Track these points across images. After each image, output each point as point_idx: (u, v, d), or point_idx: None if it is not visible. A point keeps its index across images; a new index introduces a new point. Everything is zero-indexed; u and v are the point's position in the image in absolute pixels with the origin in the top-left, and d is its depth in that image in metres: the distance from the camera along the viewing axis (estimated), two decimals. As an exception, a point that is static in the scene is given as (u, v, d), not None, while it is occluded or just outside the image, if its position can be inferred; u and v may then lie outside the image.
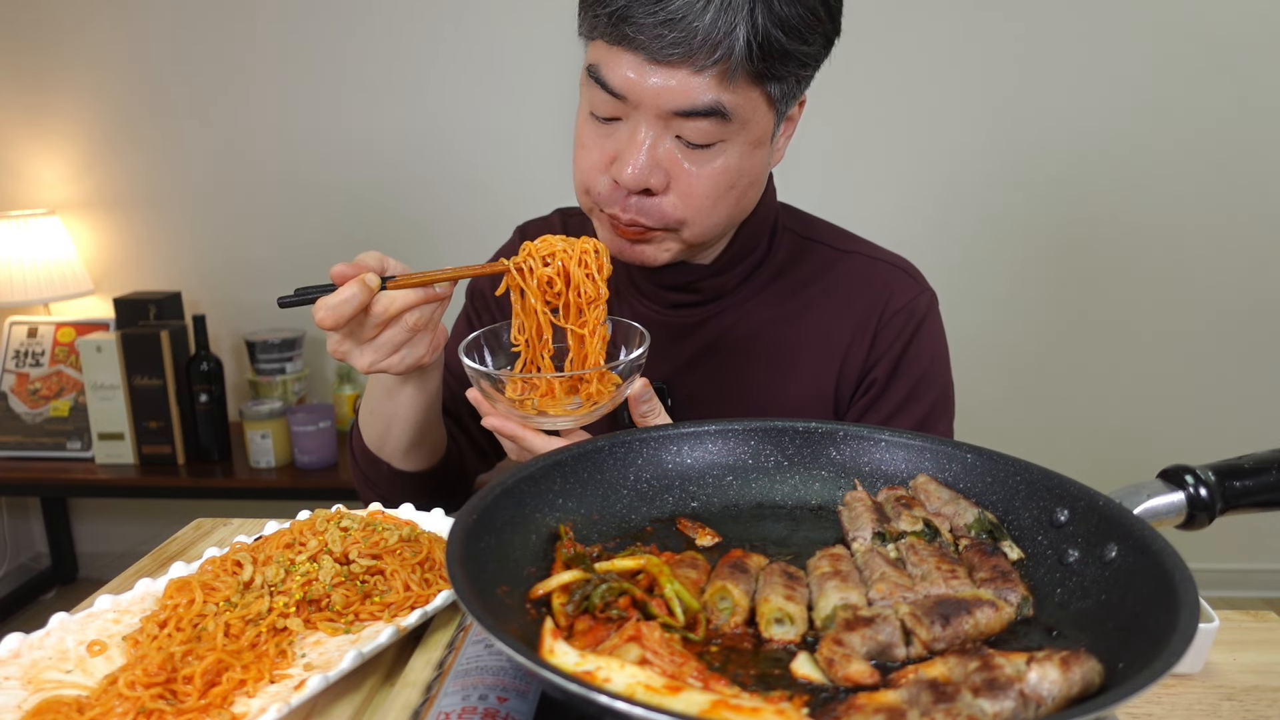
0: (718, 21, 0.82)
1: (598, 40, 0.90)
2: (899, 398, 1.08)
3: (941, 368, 1.12)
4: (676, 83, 0.86)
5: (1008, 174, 2.61)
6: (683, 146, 0.91)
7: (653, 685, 0.49)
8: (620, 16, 0.84)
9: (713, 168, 0.92)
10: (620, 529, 0.74)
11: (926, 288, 1.12)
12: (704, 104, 0.87)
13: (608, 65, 0.88)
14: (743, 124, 0.90)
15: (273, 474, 2.50)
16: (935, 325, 1.12)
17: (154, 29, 2.66)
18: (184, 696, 0.64)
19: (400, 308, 0.87)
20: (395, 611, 0.76)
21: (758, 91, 0.89)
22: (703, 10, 0.82)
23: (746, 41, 0.83)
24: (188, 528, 1.05)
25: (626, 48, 0.86)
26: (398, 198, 2.73)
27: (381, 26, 2.61)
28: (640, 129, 0.89)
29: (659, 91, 0.86)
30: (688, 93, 0.86)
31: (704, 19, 0.82)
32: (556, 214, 1.23)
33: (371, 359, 0.89)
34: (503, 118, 2.66)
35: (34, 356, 2.67)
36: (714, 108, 0.87)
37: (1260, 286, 2.63)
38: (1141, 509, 0.68)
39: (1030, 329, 2.71)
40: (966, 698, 0.49)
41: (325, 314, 0.83)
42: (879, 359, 1.09)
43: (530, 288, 0.89)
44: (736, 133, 0.90)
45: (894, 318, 1.09)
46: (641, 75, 0.86)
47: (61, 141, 2.76)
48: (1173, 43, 2.48)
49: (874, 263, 1.12)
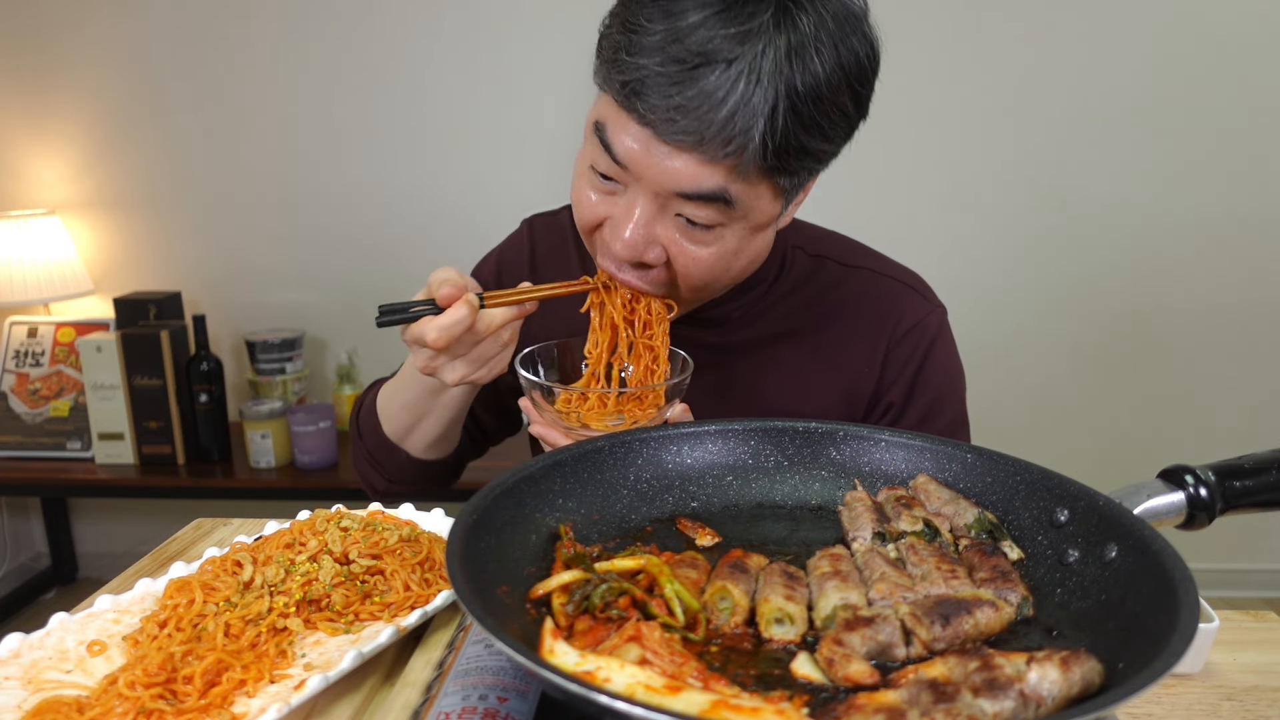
0: (735, 117, 0.77)
1: (608, 96, 0.85)
2: (916, 418, 1.08)
3: (956, 385, 1.12)
4: (682, 165, 0.81)
5: (1007, 174, 2.61)
6: (681, 225, 0.87)
7: (653, 685, 0.49)
8: (634, 90, 0.79)
9: (710, 250, 0.89)
10: (620, 529, 0.74)
11: (936, 304, 1.11)
12: (708, 190, 0.82)
13: (614, 129, 0.84)
14: (746, 212, 0.86)
15: (273, 474, 2.50)
16: (947, 343, 1.11)
17: (154, 29, 2.66)
18: (184, 696, 0.64)
19: (500, 324, 0.89)
20: (395, 611, 0.76)
21: (766, 183, 0.85)
22: (721, 102, 0.76)
23: (762, 140, 0.78)
24: (188, 528, 1.05)
25: (636, 120, 0.81)
26: (398, 197, 2.73)
27: (382, 25, 2.61)
28: (638, 203, 0.86)
29: (663, 170, 0.82)
30: (693, 177, 0.82)
31: (720, 111, 0.77)
32: (566, 210, 1.22)
33: (464, 372, 0.90)
34: (505, 116, 2.66)
35: (34, 356, 2.67)
36: (718, 194, 0.83)
37: (1261, 287, 2.63)
38: (1141, 509, 0.68)
39: (1030, 329, 2.71)
40: (966, 698, 0.49)
41: (437, 335, 0.84)
42: (893, 381, 1.08)
43: (613, 303, 0.94)
44: (738, 219, 0.87)
45: (905, 337, 1.08)
46: (647, 150, 0.82)
47: (61, 141, 2.76)
48: (1176, 44, 2.48)
49: (882, 279, 1.11)
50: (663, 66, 0.77)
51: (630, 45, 0.79)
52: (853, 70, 0.80)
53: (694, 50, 0.76)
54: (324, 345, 2.87)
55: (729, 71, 0.76)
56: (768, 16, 0.77)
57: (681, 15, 0.77)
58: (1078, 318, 2.70)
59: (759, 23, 0.76)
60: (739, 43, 0.76)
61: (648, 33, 0.78)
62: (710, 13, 0.77)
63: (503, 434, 1.27)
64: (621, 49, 0.80)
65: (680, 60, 0.77)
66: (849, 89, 0.81)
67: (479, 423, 1.22)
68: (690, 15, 0.77)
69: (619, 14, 0.83)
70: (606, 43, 0.84)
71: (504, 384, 1.19)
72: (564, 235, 1.18)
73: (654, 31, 0.78)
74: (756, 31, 0.76)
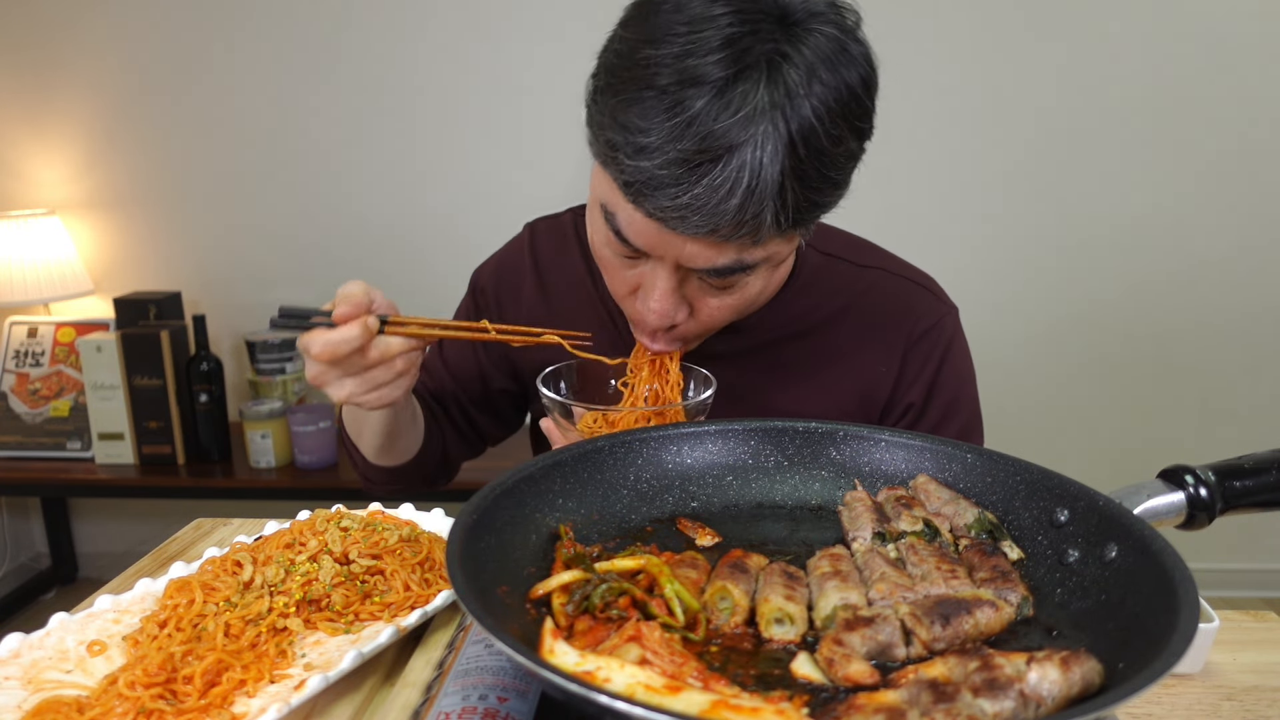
0: (746, 205, 0.75)
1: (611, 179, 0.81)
2: (934, 420, 1.09)
3: (971, 385, 1.13)
4: (698, 249, 0.81)
5: (1008, 174, 2.61)
6: (704, 283, 0.88)
7: (653, 685, 0.49)
8: (639, 191, 0.77)
9: (735, 297, 0.90)
10: (620, 529, 0.74)
11: (950, 305, 1.12)
12: (725, 264, 0.83)
13: (624, 219, 0.83)
14: (766, 258, 0.86)
15: (273, 474, 2.50)
16: (962, 344, 1.12)
17: (154, 29, 2.66)
18: (184, 696, 0.64)
19: (395, 353, 0.87)
20: (395, 611, 0.76)
21: (785, 237, 0.84)
22: (729, 194, 0.74)
23: (775, 217, 0.77)
24: (188, 528, 1.05)
25: (644, 214, 0.79)
26: (399, 197, 2.73)
27: (382, 26, 2.61)
28: (661, 274, 0.86)
29: (680, 253, 0.82)
30: (709, 258, 0.82)
31: (731, 202, 0.75)
32: (569, 213, 1.22)
33: (351, 390, 0.88)
34: (507, 115, 2.66)
35: (34, 356, 2.67)
36: (737, 266, 0.83)
37: (1261, 287, 2.63)
38: (1141, 509, 0.68)
39: (1031, 331, 2.71)
40: (966, 698, 0.49)
41: (321, 349, 0.83)
42: (912, 382, 1.08)
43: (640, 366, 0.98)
44: (760, 268, 0.87)
45: (923, 338, 1.08)
46: (661, 238, 0.81)
47: (61, 141, 2.76)
48: (1193, 54, 2.48)
49: (896, 279, 1.11)
50: (665, 169, 0.75)
51: (627, 146, 0.76)
52: (852, 109, 0.77)
53: (694, 148, 0.73)
54: (324, 345, 2.86)
55: (733, 162, 0.74)
56: (762, 90, 0.73)
57: (676, 111, 0.73)
58: (1078, 320, 2.70)
59: (755, 103, 0.73)
60: (741, 129, 0.73)
61: (644, 133, 0.75)
62: (704, 102, 0.73)
63: (498, 435, 1.27)
64: (619, 149, 0.77)
65: (683, 161, 0.74)
66: (850, 128, 0.78)
67: (474, 424, 1.22)
68: (685, 109, 0.73)
69: (607, 97, 0.79)
70: (600, 130, 0.80)
71: (496, 388, 1.20)
72: (566, 237, 1.18)
73: (650, 131, 0.75)
74: (754, 114, 0.73)
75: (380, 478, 1.17)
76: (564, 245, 1.18)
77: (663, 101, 0.74)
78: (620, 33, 0.81)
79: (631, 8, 0.82)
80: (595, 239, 0.93)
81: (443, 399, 1.20)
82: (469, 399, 1.20)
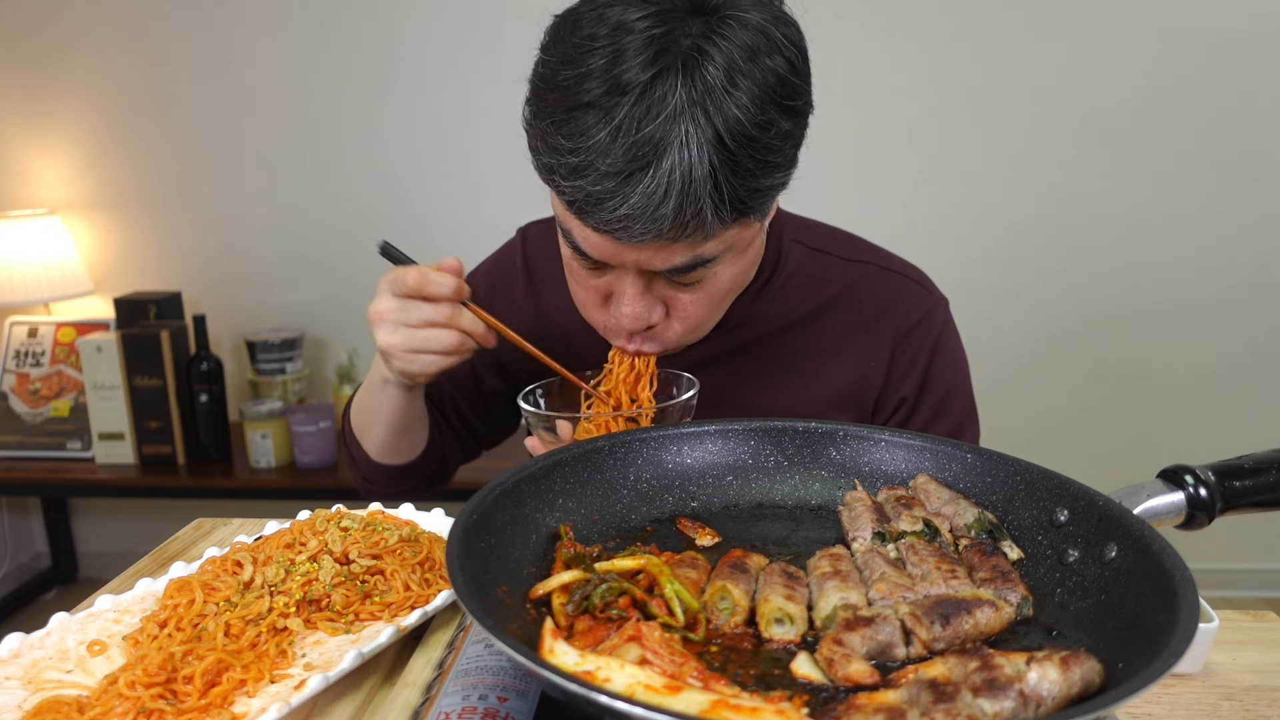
0: (683, 207, 0.76)
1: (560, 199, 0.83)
2: (929, 413, 1.09)
3: (965, 376, 1.13)
4: (651, 253, 0.82)
5: (1009, 175, 2.61)
6: (671, 282, 0.88)
7: (653, 685, 0.49)
8: (580, 208, 0.79)
9: (705, 289, 0.90)
10: (620, 529, 0.74)
11: (939, 296, 1.12)
12: (683, 263, 0.83)
13: (578, 235, 0.85)
14: (728, 247, 0.87)
15: (273, 474, 2.50)
16: (954, 334, 1.12)
17: (154, 29, 2.66)
18: (184, 696, 0.64)
19: (462, 325, 0.90)
20: (395, 611, 0.76)
21: (736, 225, 0.84)
22: (664, 199, 0.75)
23: (715, 209, 0.77)
24: (188, 528, 1.05)
25: (593, 228, 0.81)
26: (399, 197, 2.73)
27: (383, 25, 2.61)
28: (626, 280, 0.87)
29: (637, 259, 0.83)
30: (665, 259, 0.83)
31: (668, 205, 0.75)
32: None
33: (396, 341, 0.90)
34: (508, 115, 2.65)
35: (34, 356, 2.67)
36: (695, 262, 0.84)
37: (1261, 287, 2.63)
38: (1141, 509, 0.68)
39: (1030, 329, 2.71)
40: (966, 698, 0.49)
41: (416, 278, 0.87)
42: (904, 375, 1.08)
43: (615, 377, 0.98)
44: (722, 259, 0.87)
45: (912, 331, 1.08)
46: (615, 248, 0.82)
47: (61, 141, 2.76)
48: (1179, 45, 2.48)
49: (884, 273, 1.11)
50: (599, 184, 0.76)
51: (561, 167, 0.78)
52: (779, 93, 0.77)
53: (624, 158, 0.74)
54: (324, 345, 2.87)
55: (663, 165, 0.74)
56: (679, 91, 0.73)
57: (599, 127, 0.74)
58: (1078, 318, 2.70)
59: (674, 103, 0.73)
60: (664, 130, 0.73)
61: (574, 152, 0.76)
62: (628, 109, 0.73)
63: (493, 439, 1.28)
64: (555, 171, 0.79)
65: (615, 173, 0.75)
66: (780, 111, 0.77)
67: (469, 426, 1.23)
68: (611, 118, 0.74)
69: (535, 121, 0.81)
70: (537, 155, 0.82)
71: (489, 389, 1.21)
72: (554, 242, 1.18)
73: (579, 150, 0.76)
74: (675, 114, 0.73)
75: (380, 478, 1.17)
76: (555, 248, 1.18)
77: (589, 116, 0.75)
78: (542, 57, 0.82)
79: (549, 31, 0.83)
80: (564, 253, 0.94)
81: (439, 401, 1.21)
82: (464, 400, 1.21)
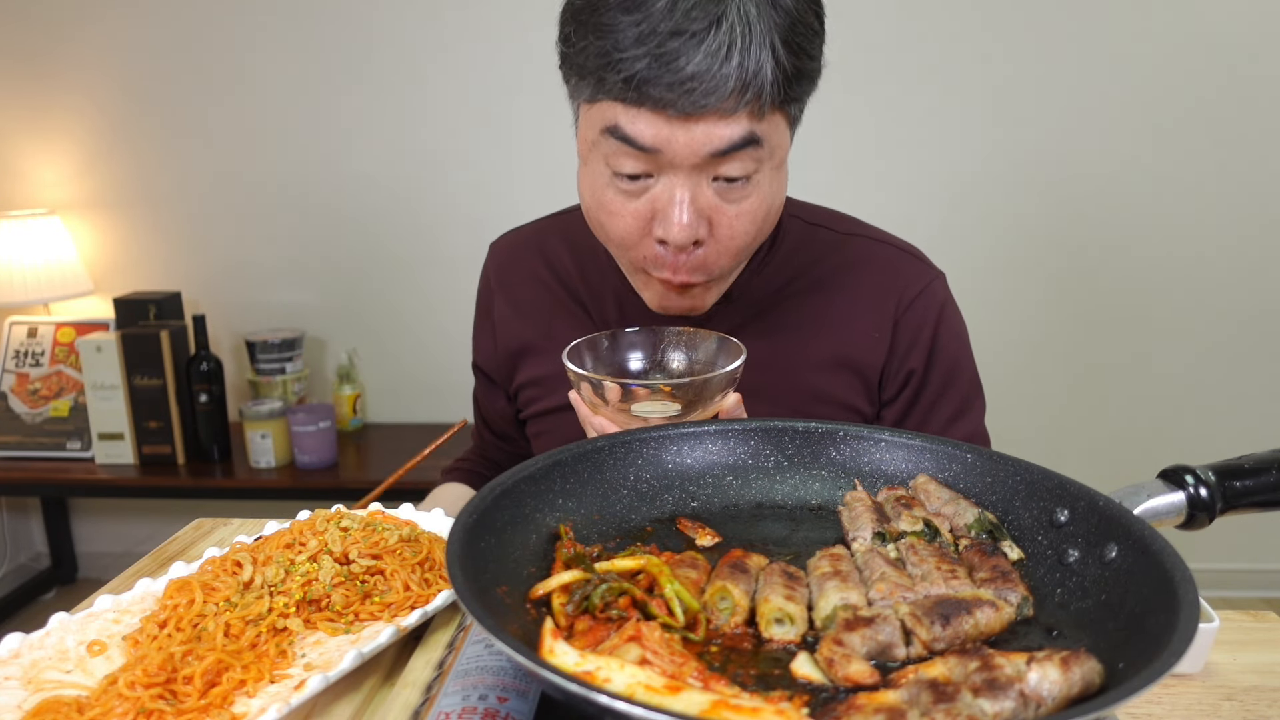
0: (745, 63, 0.79)
1: (607, 101, 0.85)
2: (938, 385, 1.10)
3: (968, 349, 1.14)
4: (710, 127, 0.83)
5: (1010, 174, 2.61)
6: (720, 187, 0.88)
7: (653, 685, 0.49)
8: (641, 82, 0.80)
9: (749, 203, 0.90)
10: (620, 529, 0.74)
11: (937, 270, 1.12)
12: (740, 138, 0.84)
13: (631, 125, 0.84)
14: (771, 150, 0.88)
15: (273, 474, 2.50)
16: (955, 308, 1.13)
17: (155, 29, 2.66)
18: (184, 696, 0.64)
19: None
20: (395, 611, 0.76)
21: (780, 115, 0.87)
22: (727, 56, 0.78)
23: (774, 76, 0.81)
24: (188, 528, 1.05)
25: (650, 108, 0.82)
26: (399, 197, 2.73)
27: (383, 25, 2.61)
28: (677, 184, 0.87)
29: (692, 140, 0.84)
30: (724, 135, 0.84)
31: (730, 64, 0.79)
32: (528, 225, 1.22)
33: None
34: (508, 114, 2.66)
35: (34, 356, 2.67)
36: (749, 139, 0.85)
37: (1261, 287, 2.63)
38: (1141, 509, 0.68)
39: (1030, 328, 2.71)
40: (966, 698, 0.49)
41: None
42: (910, 348, 1.08)
43: None
44: (766, 159, 0.88)
45: (914, 304, 1.08)
46: (672, 130, 0.83)
47: (62, 141, 2.76)
48: (1176, 39, 2.48)
49: (880, 245, 1.12)
50: (661, 47, 0.79)
51: (617, 43, 0.80)
52: None
53: (683, 20, 0.78)
54: (324, 345, 2.87)
55: (724, 24, 0.78)
56: None
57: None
58: (1078, 317, 2.70)
59: None
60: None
61: (628, 25, 0.80)
62: None
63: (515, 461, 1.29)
64: (615, 49, 0.81)
65: (676, 33, 0.78)
66: (811, 6, 0.85)
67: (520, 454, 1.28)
68: None
69: (582, 26, 0.84)
70: (581, 56, 0.84)
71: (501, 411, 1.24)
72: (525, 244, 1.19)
73: (636, 21, 0.79)
74: None
75: None
76: (522, 253, 1.19)
77: None
78: None
79: None
80: (597, 185, 0.92)
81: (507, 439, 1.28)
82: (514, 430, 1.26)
